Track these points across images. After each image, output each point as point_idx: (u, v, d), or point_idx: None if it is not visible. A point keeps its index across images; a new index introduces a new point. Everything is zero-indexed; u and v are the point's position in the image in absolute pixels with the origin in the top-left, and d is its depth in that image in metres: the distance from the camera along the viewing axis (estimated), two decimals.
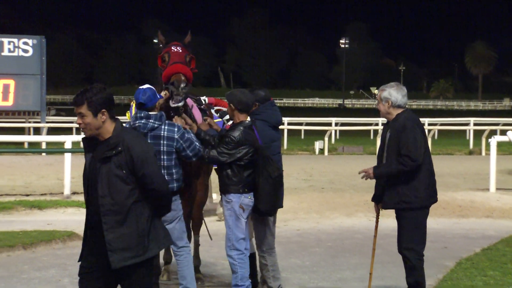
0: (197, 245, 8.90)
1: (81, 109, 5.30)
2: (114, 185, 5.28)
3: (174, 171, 7.18)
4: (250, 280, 7.48)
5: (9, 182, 18.88)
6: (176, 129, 7.18)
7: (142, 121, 7.08)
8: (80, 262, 5.54)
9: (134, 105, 10.04)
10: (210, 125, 7.78)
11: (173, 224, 7.26)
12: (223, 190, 7.48)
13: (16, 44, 31.03)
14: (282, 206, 7.76)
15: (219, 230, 10.32)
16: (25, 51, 31.08)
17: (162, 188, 5.41)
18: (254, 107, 7.74)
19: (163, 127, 7.14)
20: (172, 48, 7.68)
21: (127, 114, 9.66)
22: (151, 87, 7.24)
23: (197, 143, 7.24)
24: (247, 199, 7.39)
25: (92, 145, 5.44)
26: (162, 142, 7.12)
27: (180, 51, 7.65)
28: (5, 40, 31.04)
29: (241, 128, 7.34)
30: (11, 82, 30.75)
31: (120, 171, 5.27)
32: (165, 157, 7.14)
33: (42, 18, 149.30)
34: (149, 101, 7.11)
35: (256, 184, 7.36)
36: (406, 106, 7.45)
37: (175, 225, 7.29)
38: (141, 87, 7.24)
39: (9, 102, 30.89)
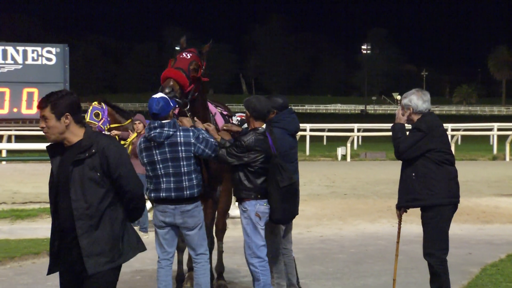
0: (220, 251, 8.91)
1: (45, 112, 5.21)
2: (88, 188, 5.14)
3: (193, 176, 7.18)
4: (272, 287, 7.48)
5: (34, 190, 19.00)
6: (191, 133, 7.19)
7: (157, 131, 7.08)
8: (48, 275, 5.44)
9: (91, 108, 10.14)
10: (229, 130, 7.80)
11: (195, 230, 7.27)
12: (238, 198, 7.47)
13: (40, 53, 31.17)
14: (297, 213, 7.65)
15: (241, 236, 10.31)
16: (49, 59, 31.22)
17: (137, 189, 5.29)
18: (272, 114, 7.73)
19: (178, 133, 7.14)
20: (182, 54, 7.69)
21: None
22: (164, 96, 7.20)
23: (211, 139, 7.27)
24: (263, 207, 7.36)
25: (57, 151, 5.30)
26: (180, 148, 7.12)
27: (188, 57, 7.65)
28: (29, 49, 31.18)
29: (253, 134, 7.34)
30: (35, 91, 30.87)
31: (94, 173, 5.14)
32: (184, 163, 7.14)
33: (65, 27, 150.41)
34: (163, 110, 7.09)
35: (267, 192, 7.36)
36: (430, 111, 7.43)
37: (197, 231, 7.29)
38: (154, 96, 7.20)
39: (33, 110, 30.98)
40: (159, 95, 7.20)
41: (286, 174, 7.29)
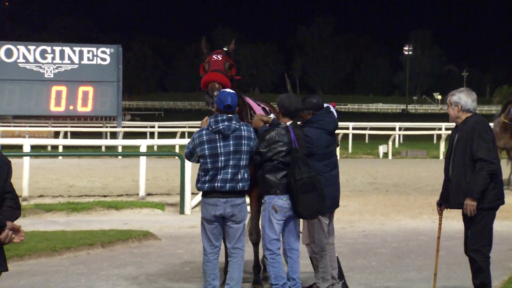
0: None
1: None
2: None
3: (247, 169, 7.19)
4: (285, 279, 7.36)
5: (88, 184, 19.22)
6: (252, 129, 7.25)
7: (226, 124, 7.07)
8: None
9: None
10: (261, 119, 7.68)
11: (240, 224, 7.24)
12: (261, 192, 7.48)
13: (95, 53, 31.60)
14: (322, 209, 7.44)
15: None
16: (103, 59, 31.62)
17: None
18: (309, 116, 7.66)
19: (242, 127, 7.17)
20: (213, 56, 7.63)
21: None
22: (234, 91, 7.24)
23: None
24: (281, 201, 7.29)
25: None
26: (243, 142, 7.13)
27: (220, 59, 7.59)
28: (85, 49, 31.65)
29: (275, 128, 7.33)
30: (90, 89, 31.36)
31: None
32: (244, 156, 7.14)
33: (118, 28, 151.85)
34: (235, 105, 7.14)
35: (287, 187, 7.30)
36: (476, 111, 7.32)
37: (241, 226, 7.26)
38: (224, 90, 7.20)
39: (88, 108, 31.49)
40: (229, 90, 7.23)
41: (304, 168, 7.21)
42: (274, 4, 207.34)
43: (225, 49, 7.88)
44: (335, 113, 8.00)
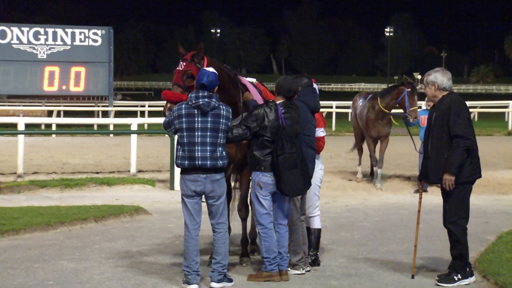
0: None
1: None
2: None
3: (224, 148, 7.18)
4: (276, 252, 7.37)
5: (81, 161, 19.15)
6: (230, 110, 7.23)
7: (206, 100, 7.05)
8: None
9: None
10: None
11: (221, 199, 7.21)
12: (249, 168, 7.52)
13: (87, 35, 31.37)
14: (304, 187, 7.44)
15: None
16: (95, 41, 31.40)
17: None
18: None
19: (221, 107, 7.14)
20: (179, 65, 7.64)
21: None
22: (215, 72, 7.20)
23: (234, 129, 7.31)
24: (265, 177, 7.29)
25: None
26: (221, 120, 7.12)
27: (181, 68, 7.57)
28: (77, 31, 31.42)
29: (263, 106, 7.39)
30: (82, 70, 31.15)
31: None
32: (221, 134, 7.13)
33: (111, 12, 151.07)
34: (211, 84, 7.09)
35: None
36: (452, 90, 7.33)
37: (222, 200, 7.24)
38: (205, 68, 7.21)
39: (81, 88, 31.30)
40: (210, 69, 7.19)
41: (288, 145, 7.22)
42: None
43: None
44: (317, 90, 8.06)
